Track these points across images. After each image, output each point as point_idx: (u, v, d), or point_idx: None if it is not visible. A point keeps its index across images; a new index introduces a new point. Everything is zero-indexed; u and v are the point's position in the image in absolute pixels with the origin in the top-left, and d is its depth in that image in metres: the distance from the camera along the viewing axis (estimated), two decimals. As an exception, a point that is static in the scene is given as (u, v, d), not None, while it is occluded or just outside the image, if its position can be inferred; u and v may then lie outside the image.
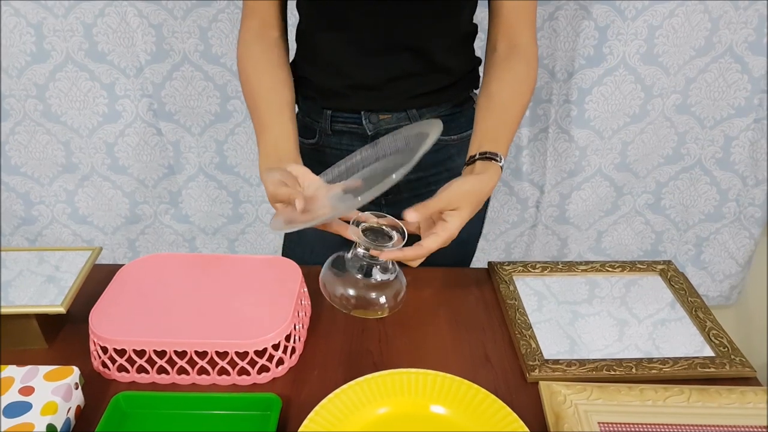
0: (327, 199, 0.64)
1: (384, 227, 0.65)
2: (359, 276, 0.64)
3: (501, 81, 0.75)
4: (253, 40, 0.78)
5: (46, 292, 0.69)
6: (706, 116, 1.24)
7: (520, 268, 0.81)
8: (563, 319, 0.73)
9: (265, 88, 0.76)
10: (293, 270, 0.73)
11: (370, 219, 0.65)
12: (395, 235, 0.64)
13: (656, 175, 1.32)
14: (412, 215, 0.61)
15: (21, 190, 1.32)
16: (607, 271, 0.81)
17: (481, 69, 0.85)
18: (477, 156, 0.70)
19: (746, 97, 1.21)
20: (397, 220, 0.65)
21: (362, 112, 0.80)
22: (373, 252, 0.63)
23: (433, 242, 0.63)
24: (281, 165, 0.69)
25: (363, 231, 0.63)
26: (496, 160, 0.69)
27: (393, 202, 0.87)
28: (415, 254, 0.63)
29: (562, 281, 0.80)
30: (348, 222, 0.65)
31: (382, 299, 0.65)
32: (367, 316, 0.66)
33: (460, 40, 0.80)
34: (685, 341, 0.70)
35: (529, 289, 0.78)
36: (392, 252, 0.63)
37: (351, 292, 0.64)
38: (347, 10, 0.73)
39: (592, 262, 0.83)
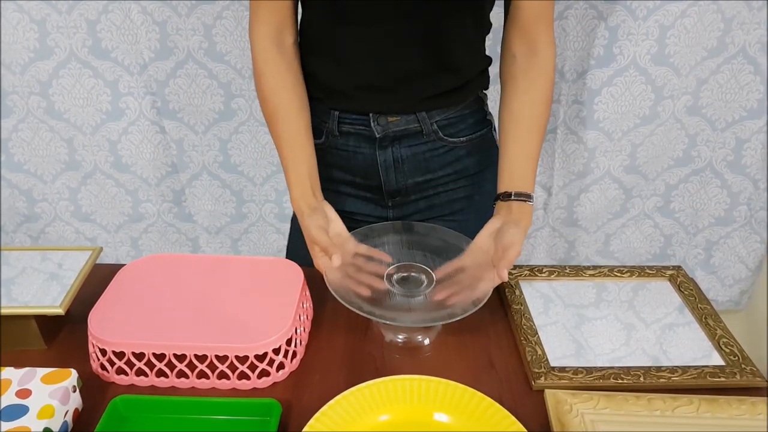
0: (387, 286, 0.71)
1: (412, 274, 0.72)
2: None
3: (523, 102, 0.77)
4: (272, 49, 0.76)
5: (48, 290, 0.68)
6: (718, 118, 1.23)
7: (526, 272, 0.80)
8: (569, 322, 0.72)
9: (291, 111, 0.77)
10: (295, 272, 0.72)
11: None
12: (425, 279, 0.72)
13: (666, 177, 1.31)
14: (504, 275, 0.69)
15: (24, 188, 1.32)
16: (616, 276, 0.80)
17: (491, 69, 0.83)
18: (513, 196, 0.74)
19: (759, 99, 1.19)
20: (423, 266, 0.73)
21: (370, 114, 0.79)
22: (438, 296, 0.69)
23: (487, 286, 0.69)
24: (317, 202, 0.76)
25: (396, 280, 0.71)
26: (530, 202, 0.74)
27: (400, 204, 0.86)
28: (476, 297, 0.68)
29: (569, 285, 0.79)
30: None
31: (426, 341, 0.71)
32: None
33: (475, 38, 0.78)
34: (694, 347, 0.69)
35: (535, 292, 0.77)
36: (452, 298, 0.68)
37: (400, 337, 0.71)
38: (362, 5, 0.71)
39: (600, 266, 0.81)
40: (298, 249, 0.93)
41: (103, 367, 0.64)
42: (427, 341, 0.70)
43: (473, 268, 0.71)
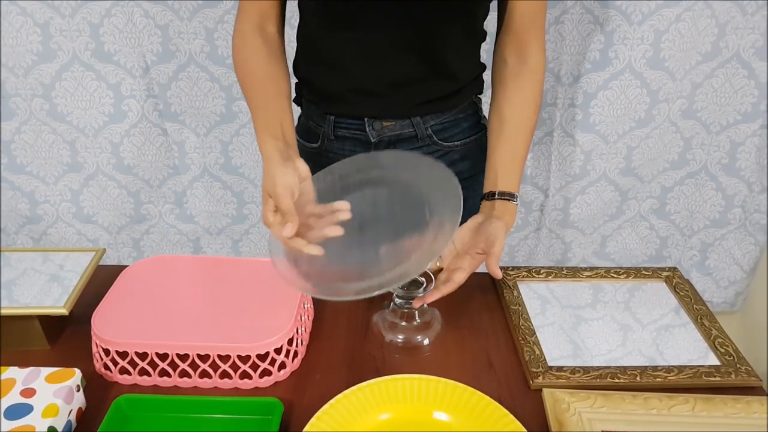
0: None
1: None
2: (404, 323, 0.71)
3: (512, 105, 0.77)
4: (251, 31, 0.75)
5: (50, 291, 0.69)
6: (712, 122, 1.24)
7: (524, 273, 0.81)
8: (567, 323, 0.73)
9: (269, 74, 0.73)
10: (296, 273, 0.73)
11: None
12: (424, 280, 0.70)
13: (661, 180, 1.32)
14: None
15: (26, 189, 1.32)
16: (612, 277, 0.81)
17: (485, 75, 0.84)
18: (497, 195, 0.74)
19: (753, 102, 1.20)
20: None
21: (365, 119, 0.80)
22: (415, 303, 0.69)
23: (462, 276, 0.69)
24: (290, 154, 0.67)
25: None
26: (514, 201, 0.74)
27: None
28: (450, 290, 0.69)
29: (566, 286, 0.80)
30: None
31: (426, 341, 0.71)
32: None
33: (469, 45, 0.79)
34: (689, 347, 0.69)
35: (532, 293, 0.78)
36: (432, 294, 0.69)
37: (399, 337, 0.71)
38: (355, 9, 0.72)
39: (597, 267, 0.82)
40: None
41: (106, 366, 0.64)
42: (426, 341, 0.71)
43: (449, 257, 0.71)
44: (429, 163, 0.68)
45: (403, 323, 0.71)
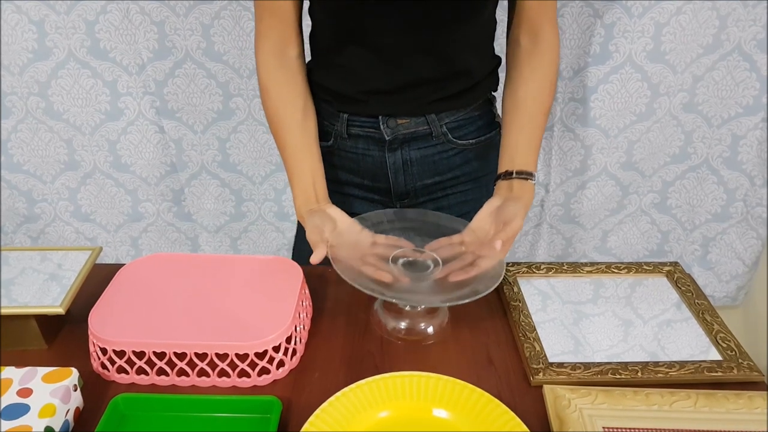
0: (399, 272, 0.69)
1: (419, 260, 0.71)
2: (407, 307, 0.70)
3: (527, 85, 0.76)
4: (275, 63, 0.76)
5: (48, 290, 0.69)
6: (714, 115, 1.23)
7: (524, 269, 0.81)
8: (567, 318, 0.73)
9: (294, 123, 0.76)
10: (294, 271, 0.73)
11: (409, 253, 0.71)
12: (431, 264, 0.70)
13: (662, 174, 1.31)
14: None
15: (23, 188, 1.32)
16: (613, 272, 0.80)
17: (500, 69, 0.84)
18: (514, 174, 0.73)
19: (754, 95, 1.19)
20: (432, 253, 0.71)
21: (380, 117, 0.79)
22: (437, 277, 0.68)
23: (487, 263, 0.68)
24: (318, 205, 0.75)
25: (402, 265, 0.70)
26: (532, 180, 0.73)
27: (408, 206, 0.86)
28: (476, 273, 0.68)
29: (566, 281, 0.79)
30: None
31: (430, 329, 0.70)
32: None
33: (480, 41, 0.78)
34: (691, 342, 0.69)
35: (533, 289, 0.78)
36: (457, 274, 0.67)
37: (402, 324, 0.70)
38: (364, 14, 0.71)
39: (598, 263, 0.82)
40: (303, 253, 0.93)
41: (103, 365, 0.64)
42: (431, 329, 0.70)
43: (473, 245, 0.70)
44: (448, 217, 0.76)
45: (408, 307, 0.70)
